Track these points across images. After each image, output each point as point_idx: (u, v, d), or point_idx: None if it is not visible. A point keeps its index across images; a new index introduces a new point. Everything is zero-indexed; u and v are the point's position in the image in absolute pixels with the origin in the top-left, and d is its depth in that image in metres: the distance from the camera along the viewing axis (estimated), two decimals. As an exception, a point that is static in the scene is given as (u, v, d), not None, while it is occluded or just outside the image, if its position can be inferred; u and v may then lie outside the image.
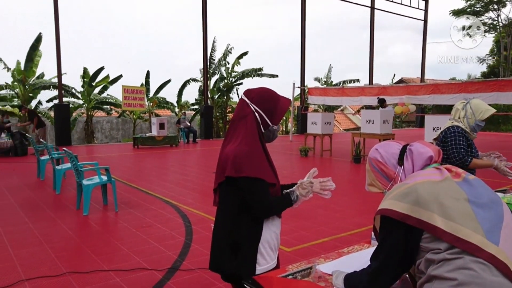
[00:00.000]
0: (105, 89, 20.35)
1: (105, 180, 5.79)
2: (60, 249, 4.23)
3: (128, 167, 10.19)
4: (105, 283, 3.40)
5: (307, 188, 1.94)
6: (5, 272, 3.62)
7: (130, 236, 4.66)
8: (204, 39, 18.50)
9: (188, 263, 3.83)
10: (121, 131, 24.21)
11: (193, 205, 6.07)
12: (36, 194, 6.88)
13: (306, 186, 1.94)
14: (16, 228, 4.92)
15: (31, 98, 18.35)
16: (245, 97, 1.91)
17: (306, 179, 1.98)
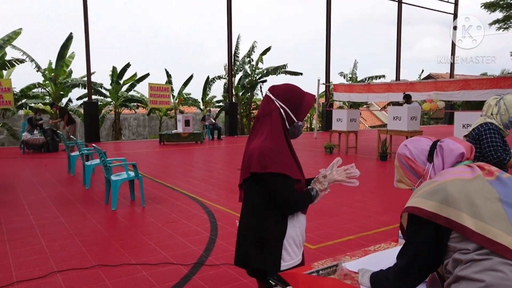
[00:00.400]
0: (132, 87, 20.75)
1: (132, 176, 5.92)
2: (90, 242, 4.35)
3: (154, 164, 10.37)
4: (133, 276, 3.48)
5: (323, 182, 1.94)
6: (38, 263, 3.76)
7: (156, 231, 4.75)
8: (228, 36, 18.58)
9: (213, 258, 3.87)
10: (147, 128, 24.65)
11: (218, 201, 6.12)
12: (66, 189, 7.10)
13: (322, 180, 1.94)
14: (49, 222, 5.10)
15: (62, 96, 18.91)
16: (270, 94, 1.91)
17: (323, 172, 1.98)
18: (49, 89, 18.59)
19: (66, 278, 3.45)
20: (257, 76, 22.65)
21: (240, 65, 22.17)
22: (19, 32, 16.53)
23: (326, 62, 21.09)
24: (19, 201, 6.18)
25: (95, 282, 3.36)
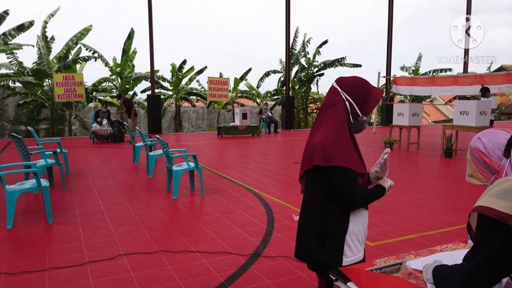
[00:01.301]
0: (191, 81, 21.38)
1: (192, 167, 6.12)
2: (153, 228, 4.58)
3: (212, 155, 10.64)
4: (193, 263, 3.61)
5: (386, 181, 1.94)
6: (107, 246, 4.02)
7: (215, 220, 4.88)
8: (286, 30, 18.49)
9: (270, 250, 3.91)
10: (206, 121, 25.32)
11: (274, 194, 6.16)
12: (131, 177, 7.50)
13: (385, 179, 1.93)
14: (116, 207, 5.43)
15: (127, 90, 19.92)
16: (337, 85, 1.88)
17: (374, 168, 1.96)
18: (116, 83, 19.68)
19: (132, 261, 3.66)
20: (314, 70, 22.36)
21: (297, 59, 22.00)
22: (90, 29, 17.63)
23: (388, 54, 20.31)
24: (90, 187, 6.63)
25: (158, 267, 3.53)
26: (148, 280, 3.27)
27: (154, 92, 17.38)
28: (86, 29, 17.56)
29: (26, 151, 6.10)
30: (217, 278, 3.31)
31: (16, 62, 17.21)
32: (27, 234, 4.41)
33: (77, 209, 5.34)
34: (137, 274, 3.38)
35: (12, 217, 4.57)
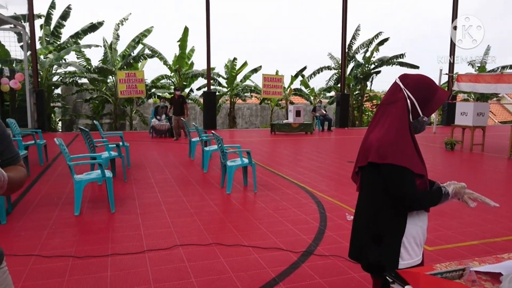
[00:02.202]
0: (246, 78, 21.63)
1: (246, 163, 6.20)
2: (207, 221, 4.70)
3: (266, 152, 10.70)
4: (245, 257, 3.67)
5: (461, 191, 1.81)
6: (164, 236, 4.19)
7: (267, 216, 4.92)
8: (343, 25, 18.11)
9: (322, 249, 3.87)
10: (259, 118, 25.50)
11: (327, 193, 6.09)
12: (187, 171, 7.75)
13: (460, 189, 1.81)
14: (173, 200, 5.64)
15: (184, 86, 20.56)
16: (400, 82, 1.81)
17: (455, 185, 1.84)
18: (174, 80, 20.37)
19: (187, 251, 3.79)
20: (371, 67, 21.73)
21: (353, 55, 21.49)
22: (151, 30, 18.48)
23: (451, 50, 19.25)
24: (148, 179, 6.94)
25: (211, 259, 3.63)
26: (202, 270, 3.38)
27: (210, 89, 17.78)
28: (148, 30, 18.44)
29: (92, 144, 6.50)
30: (269, 273, 3.34)
31: (84, 59, 18.39)
32: (92, 221, 4.71)
33: (137, 199, 5.61)
34: (192, 264, 3.50)
35: (79, 205, 4.90)
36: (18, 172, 1.37)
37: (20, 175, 1.37)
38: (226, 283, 3.16)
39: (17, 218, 4.72)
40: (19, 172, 1.38)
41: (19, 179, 1.36)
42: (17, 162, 1.42)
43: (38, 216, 4.80)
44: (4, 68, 14.74)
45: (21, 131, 8.52)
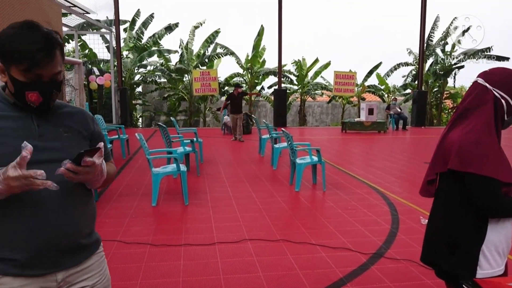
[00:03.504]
0: (316, 76, 21.41)
1: (316, 161, 6.16)
2: (275, 218, 4.76)
3: (336, 150, 10.53)
4: (312, 255, 3.66)
5: None
6: (233, 230, 4.32)
7: (336, 215, 4.85)
8: (422, 18, 17.16)
9: (393, 252, 3.73)
10: (330, 116, 25.11)
11: (400, 194, 5.84)
12: (257, 167, 7.88)
13: None
14: (242, 195, 5.78)
15: (256, 84, 20.91)
16: (484, 82, 1.64)
17: None
18: (246, 78, 20.80)
19: (255, 246, 3.87)
20: (452, 61, 20.33)
21: (433, 50, 20.26)
22: (219, 31, 19.22)
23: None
24: (220, 174, 7.18)
25: (279, 255, 3.67)
26: (270, 266, 3.43)
27: (281, 87, 17.87)
28: (216, 31, 19.20)
29: (169, 139, 6.88)
30: (336, 273, 3.30)
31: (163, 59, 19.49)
32: (167, 212, 4.99)
33: (208, 193, 5.84)
34: (259, 259, 3.57)
35: (156, 196, 5.22)
36: (110, 168, 1.52)
37: (112, 171, 1.52)
38: (293, 280, 3.18)
39: (103, 206, 5.15)
40: (111, 169, 1.52)
41: (111, 175, 1.50)
42: (109, 160, 1.55)
43: (120, 205, 5.20)
44: (93, 68, 16.13)
45: (106, 127, 9.30)
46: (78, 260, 1.38)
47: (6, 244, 1.26)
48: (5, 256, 1.26)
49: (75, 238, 1.35)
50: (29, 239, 1.26)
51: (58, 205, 1.29)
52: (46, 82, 1.27)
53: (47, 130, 1.32)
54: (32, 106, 1.29)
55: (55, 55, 1.27)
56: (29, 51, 1.21)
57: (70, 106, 1.45)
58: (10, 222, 1.24)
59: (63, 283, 1.35)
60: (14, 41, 1.22)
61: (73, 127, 1.38)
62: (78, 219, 1.36)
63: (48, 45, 1.24)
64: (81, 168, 1.22)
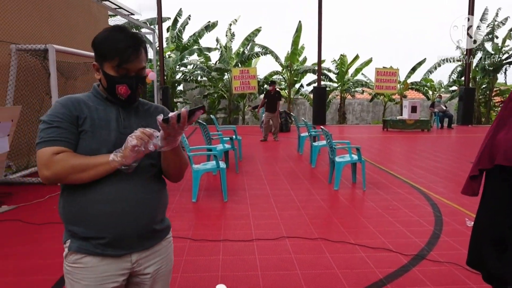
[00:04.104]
0: (357, 73, 21.01)
1: (355, 159, 6.06)
2: (314, 216, 4.73)
3: (376, 149, 10.30)
4: (351, 255, 3.62)
5: None
6: (272, 227, 4.34)
7: (376, 215, 4.76)
8: (470, 10, 16.39)
9: (436, 254, 3.62)
10: (371, 114, 24.56)
11: (444, 195, 5.64)
12: (296, 165, 7.86)
13: None
14: (281, 192, 5.79)
15: (295, 82, 20.81)
16: None
17: None
18: (285, 75, 20.75)
19: (293, 244, 3.87)
20: (502, 57, 19.29)
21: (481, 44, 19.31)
22: (260, 30, 19.26)
23: None
24: (258, 172, 7.22)
25: (317, 253, 3.65)
26: (308, 264, 3.42)
27: (320, 84, 17.68)
28: (257, 29, 19.27)
29: (209, 136, 7.00)
30: (376, 274, 3.24)
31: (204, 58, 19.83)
32: (207, 207, 5.09)
33: (247, 190, 5.89)
34: (297, 256, 3.57)
35: (196, 192, 5.34)
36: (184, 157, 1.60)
37: (185, 159, 1.58)
38: (331, 279, 3.16)
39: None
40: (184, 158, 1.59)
41: (185, 162, 1.57)
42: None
43: (162, 200, 5.35)
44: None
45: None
46: (150, 244, 1.52)
47: (93, 225, 1.40)
48: (92, 235, 1.40)
49: (151, 224, 1.49)
50: (113, 222, 1.40)
51: (138, 192, 1.43)
52: (132, 76, 1.45)
53: (130, 123, 1.49)
54: (121, 99, 1.47)
55: (140, 52, 1.46)
56: (120, 48, 1.40)
57: (151, 104, 1.63)
58: (98, 206, 1.39)
59: (136, 264, 1.49)
60: (107, 41, 1.41)
61: (151, 123, 1.50)
62: (154, 206, 1.50)
63: (135, 43, 1.43)
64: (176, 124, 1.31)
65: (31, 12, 7.18)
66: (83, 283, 1.42)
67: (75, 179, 1.36)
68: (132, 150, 1.30)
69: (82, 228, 1.41)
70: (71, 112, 1.41)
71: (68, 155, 1.36)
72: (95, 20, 10.07)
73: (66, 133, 1.38)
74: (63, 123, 1.39)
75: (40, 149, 1.36)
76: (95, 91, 1.51)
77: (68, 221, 1.44)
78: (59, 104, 1.43)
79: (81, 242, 1.42)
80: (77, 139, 1.40)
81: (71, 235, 1.45)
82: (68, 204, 1.43)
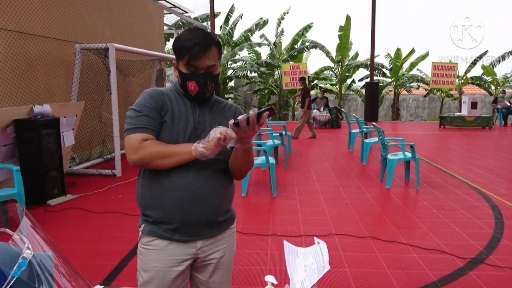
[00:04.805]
0: (412, 67, 20.20)
1: (409, 157, 5.86)
2: (364, 214, 4.65)
3: (432, 147, 9.88)
4: (403, 255, 3.52)
5: None
6: (320, 223, 4.32)
7: (430, 216, 4.58)
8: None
9: (496, 258, 3.43)
10: (427, 110, 23.51)
11: (507, 197, 5.31)
12: (346, 162, 7.74)
13: None
14: (330, 189, 5.73)
15: (346, 77, 20.40)
16: None
17: None
18: (336, 71, 20.40)
19: (342, 241, 3.83)
20: None
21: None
22: (311, 25, 19.05)
23: None
24: (307, 168, 7.19)
25: (366, 252, 3.59)
26: (356, 262, 3.38)
27: (373, 79, 17.20)
28: (309, 25, 19.07)
29: (259, 132, 7.07)
30: (429, 275, 3.13)
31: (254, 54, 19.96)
32: (256, 202, 5.16)
33: (296, 186, 5.90)
34: (346, 254, 3.53)
35: (246, 187, 5.42)
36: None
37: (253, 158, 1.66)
38: (381, 278, 3.10)
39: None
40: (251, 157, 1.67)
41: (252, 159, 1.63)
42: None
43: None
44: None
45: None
46: (215, 232, 1.60)
47: (163, 211, 1.51)
48: (162, 220, 1.52)
49: (215, 216, 1.58)
50: (181, 210, 1.50)
51: (205, 183, 1.52)
52: (201, 74, 1.50)
53: (204, 119, 1.57)
54: (192, 95, 1.54)
55: (210, 50, 1.49)
56: (188, 46, 1.47)
57: (226, 102, 1.70)
58: (168, 194, 1.49)
59: (200, 250, 1.58)
60: (180, 40, 1.50)
61: (223, 120, 1.58)
62: (220, 198, 1.58)
63: (204, 40, 1.48)
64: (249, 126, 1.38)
65: (93, 13, 7.62)
66: (152, 264, 1.54)
67: (158, 164, 1.47)
68: (216, 144, 1.36)
69: (153, 213, 1.53)
70: (157, 103, 1.52)
71: (154, 142, 1.47)
72: (151, 19, 10.47)
73: (153, 122, 1.50)
74: (151, 112, 1.50)
75: (129, 135, 1.49)
76: (175, 87, 1.60)
77: (143, 207, 1.57)
78: (147, 95, 1.55)
79: (152, 226, 1.54)
80: (160, 128, 1.52)
81: (145, 220, 1.58)
82: (143, 191, 1.56)
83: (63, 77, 6.77)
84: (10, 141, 4.91)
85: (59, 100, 6.56)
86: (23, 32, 5.83)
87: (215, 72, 1.54)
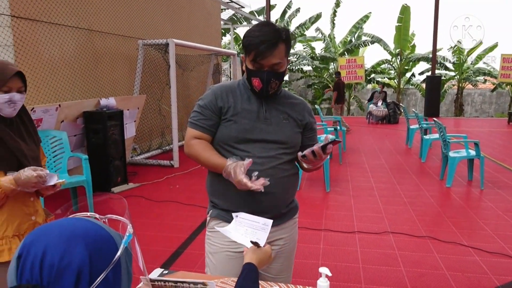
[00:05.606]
0: (479, 59, 18.96)
1: (473, 155, 5.55)
2: (421, 213, 4.48)
3: (499, 145, 9.25)
4: (463, 257, 3.36)
5: None
6: (375, 221, 4.23)
7: (494, 217, 4.32)
8: None
9: None
10: (494, 105, 21.99)
11: None
12: (403, 159, 7.47)
13: None
14: (385, 186, 5.58)
15: (406, 71, 19.58)
16: None
17: None
18: (394, 64, 19.66)
19: (397, 240, 3.73)
20: None
21: None
22: (369, 16, 18.39)
23: None
24: (362, 163, 7.04)
25: (424, 252, 3.47)
26: (413, 262, 3.28)
27: (435, 73, 16.37)
28: (366, 15, 18.40)
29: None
30: (492, 280, 2.97)
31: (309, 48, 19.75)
32: (309, 197, 5.15)
33: (350, 182, 5.80)
34: (401, 253, 3.43)
35: (299, 181, 5.41)
36: None
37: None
38: (439, 280, 2.99)
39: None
40: None
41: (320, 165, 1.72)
42: None
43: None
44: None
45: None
46: (278, 222, 1.64)
47: (230, 200, 1.60)
48: (229, 208, 1.60)
49: (279, 209, 1.65)
50: (247, 201, 1.56)
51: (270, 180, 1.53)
52: (265, 71, 1.51)
53: (271, 115, 1.60)
54: (256, 91, 1.57)
55: (277, 47, 1.49)
56: (255, 43, 1.47)
57: (294, 97, 1.71)
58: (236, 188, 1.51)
59: None
60: (248, 37, 1.50)
61: (291, 115, 1.63)
62: (285, 190, 1.65)
63: (271, 38, 1.47)
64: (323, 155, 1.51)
65: (154, 10, 7.94)
66: (219, 246, 1.63)
67: (199, 163, 1.62)
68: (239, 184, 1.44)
69: (221, 201, 1.63)
70: (217, 102, 1.58)
71: (200, 144, 1.58)
72: (208, 14, 10.71)
73: (207, 121, 1.58)
74: (206, 111, 1.58)
75: (188, 128, 1.63)
76: (244, 81, 1.63)
77: (212, 195, 1.68)
78: (211, 92, 1.62)
79: (220, 211, 1.64)
80: (216, 126, 1.59)
81: (213, 206, 1.68)
82: (212, 182, 1.66)
83: (127, 72, 7.14)
84: (79, 131, 5.29)
85: (122, 93, 6.93)
86: (91, 30, 6.21)
87: (281, 69, 1.54)
